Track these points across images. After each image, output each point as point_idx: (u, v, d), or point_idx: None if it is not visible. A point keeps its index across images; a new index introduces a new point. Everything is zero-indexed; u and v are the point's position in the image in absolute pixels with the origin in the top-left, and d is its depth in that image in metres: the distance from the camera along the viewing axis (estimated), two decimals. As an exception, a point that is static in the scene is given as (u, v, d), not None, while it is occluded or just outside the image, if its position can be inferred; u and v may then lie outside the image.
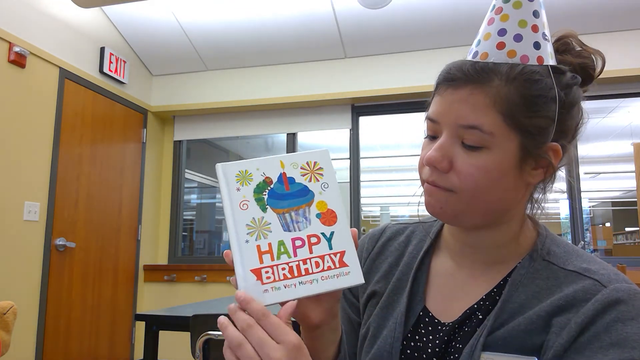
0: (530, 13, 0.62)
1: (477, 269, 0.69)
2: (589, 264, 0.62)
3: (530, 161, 0.62)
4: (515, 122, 0.60)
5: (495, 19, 0.63)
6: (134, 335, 3.93)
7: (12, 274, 2.87)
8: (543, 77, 0.61)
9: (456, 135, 0.62)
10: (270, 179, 0.61)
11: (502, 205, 0.64)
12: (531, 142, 0.61)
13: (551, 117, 0.61)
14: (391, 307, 0.73)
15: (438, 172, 0.63)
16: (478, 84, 0.60)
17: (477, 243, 0.69)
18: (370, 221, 11.53)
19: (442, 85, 0.64)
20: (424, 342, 0.68)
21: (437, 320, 0.68)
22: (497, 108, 0.60)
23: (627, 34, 3.40)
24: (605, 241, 8.18)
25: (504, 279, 0.66)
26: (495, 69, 0.61)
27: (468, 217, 0.64)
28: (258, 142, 6.09)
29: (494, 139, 0.60)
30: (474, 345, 0.61)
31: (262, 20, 3.63)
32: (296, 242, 0.58)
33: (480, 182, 0.61)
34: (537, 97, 0.60)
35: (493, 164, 0.60)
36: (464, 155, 0.61)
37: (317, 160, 0.62)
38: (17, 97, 2.94)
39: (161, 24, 3.75)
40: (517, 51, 0.61)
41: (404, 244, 0.79)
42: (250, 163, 0.61)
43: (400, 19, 3.49)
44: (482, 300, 0.66)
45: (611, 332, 0.55)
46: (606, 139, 6.36)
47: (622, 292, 0.57)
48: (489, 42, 0.63)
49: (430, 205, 0.65)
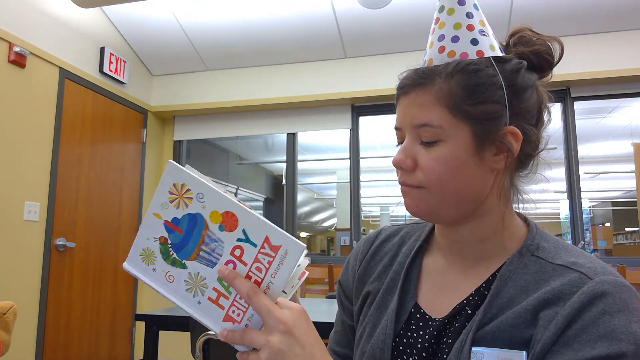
0: (463, 15, 0.68)
1: (466, 265, 0.71)
2: (577, 258, 0.63)
3: (488, 147, 0.65)
4: (461, 112, 0.64)
5: (435, 28, 0.70)
6: (134, 335, 3.93)
7: (12, 274, 2.87)
8: (482, 67, 0.65)
9: (415, 136, 0.67)
10: (163, 237, 0.58)
11: (470, 194, 0.66)
12: (482, 128, 0.64)
13: (499, 102, 0.64)
14: (384, 306, 0.74)
15: (406, 172, 0.67)
16: (422, 86, 0.66)
17: (461, 239, 0.70)
18: (370, 221, 11.53)
19: (398, 97, 0.70)
20: (414, 338, 0.69)
21: (428, 316, 0.69)
22: (442, 103, 0.64)
23: (627, 34, 3.40)
24: (605, 241, 8.18)
25: (493, 274, 0.67)
26: (436, 70, 0.66)
27: (443, 210, 0.67)
28: (258, 142, 6.09)
29: (444, 131, 0.64)
30: (464, 340, 0.62)
31: (262, 20, 3.63)
32: (228, 266, 0.57)
33: (442, 174, 0.64)
34: (478, 86, 0.64)
35: (450, 155, 0.64)
36: (424, 152, 0.66)
37: (174, 180, 0.57)
38: (17, 97, 2.94)
39: (161, 24, 3.75)
40: (456, 50, 0.67)
41: (398, 245, 0.81)
42: (136, 241, 0.59)
43: (400, 19, 3.49)
44: (471, 296, 0.67)
45: (598, 324, 0.56)
46: (606, 139, 6.36)
47: (608, 285, 0.58)
48: (432, 49, 0.69)
49: (408, 205, 0.69)
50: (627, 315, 0.56)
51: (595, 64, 3.40)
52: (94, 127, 3.59)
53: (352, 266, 0.83)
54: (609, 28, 3.40)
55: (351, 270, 0.83)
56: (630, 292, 0.59)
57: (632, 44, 3.37)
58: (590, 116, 5.23)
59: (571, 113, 3.60)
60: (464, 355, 0.61)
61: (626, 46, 3.38)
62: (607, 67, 3.38)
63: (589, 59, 3.42)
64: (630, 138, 5.94)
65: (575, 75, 3.42)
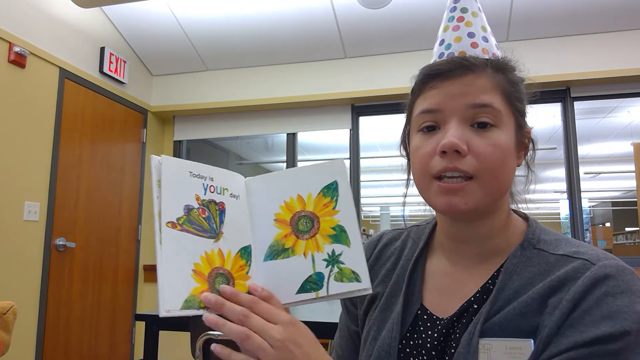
0: (484, 21, 0.73)
1: (470, 264, 0.71)
2: (578, 248, 0.64)
3: (518, 143, 0.68)
4: (511, 104, 0.67)
5: (460, 25, 0.71)
6: (134, 335, 3.93)
7: (12, 274, 2.87)
8: (514, 69, 0.70)
9: (465, 119, 0.64)
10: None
11: (507, 187, 0.67)
12: (521, 123, 0.68)
13: (525, 104, 0.69)
14: (389, 309, 0.74)
15: (458, 157, 0.63)
16: (476, 71, 0.66)
17: (471, 236, 0.70)
18: (370, 221, 11.52)
19: (431, 81, 0.67)
20: (422, 339, 0.69)
21: (435, 317, 0.69)
22: (499, 90, 0.66)
23: (627, 34, 3.40)
24: (605, 241, 8.19)
25: (498, 270, 0.68)
26: (484, 61, 0.67)
27: (484, 204, 0.65)
28: (258, 142, 6.09)
29: (502, 117, 0.65)
30: (472, 332, 0.62)
31: (262, 20, 3.63)
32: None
33: (496, 161, 0.63)
34: (518, 84, 0.68)
35: (504, 142, 0.64)
36: (477, 137, 0.64)
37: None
38: (17, 97, 2.94)
39: (161, 23, 3.75)
40: (488, 50, 0.70)
41: (399, 249, 0.81)
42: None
43: (400, 19, 3.49)
44: (477, 293, 0.67)
45: (602, 305, 0.56)
46: (606, 139, 6.36)
47: (610, 268, 0.59)
48: (461, 43, 0.70)
49: (456, 203, 0.64)
50: (631, 297, 0.56)
51: (595, 64, 3.40)
52: (94, 127, 3.59)
53: None
54: (609, 28, 3.40)
55: None
56: (633, 275, 0.59)
57: (632, 44, 3.37)
58: (590, 116, 5.23)
59: (571, 113, 3.60)
60: (472, 347, 0.61)
61: (626, 46, 3.38)
62: (607, 67, 3.38)
63: (589, 59, 3.42)
64: (630, 138, 5.94)
65: (575, 75, 3.41)
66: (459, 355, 0.62)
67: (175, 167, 0.61)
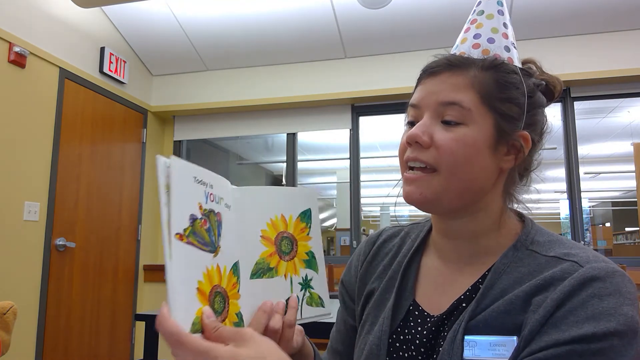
0: (501, 24, 0.73)
1: (463, 262, 0.71)
2: (570, 249, 0.64)
3: (503, 145, 0.67)
4: (490, 103, 0.66)
5: (471, 27, 0.73)
6: (134, 335, 3.93)
7: (12, 274, 2.87)
8: (513, 72, 0.69)
9: (436, 115, 0.67)
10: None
11: (477, 185, 0.67)
12: (504, 124, 0.67)
13: (521, 108, 0.67)
14: (382, 304, 0.76)
15: (419, 148, 0.67)
16: (457, 69, 0.68)
17: (456, 234, 0.71)
18: (370, 221, 11.52)
19: (423, 77, 0.71)
20: (412, 335, 0.70)
21: (426, 313, 0.70)
22: (476, 89, 0.66)
23: (627, 34, 3.40)
24: (605, 241, 8.19)
25: (489, 269, 0.68)
26: (471, 60, 0.69)
27: (446, 198, 0.66)
28: (258, 142, 6.09)
29: (471, 115, 0.65)
30: (457, 330, 0.63)
31: (262, 20, 3.63)
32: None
33: (458, 155, 0.64)
34: (509, 85, 0.67)
35: (470, 139, 0.65)
36: (443, 131, 0.66)
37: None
38: (17, 97, 2.94)
39: (161, 23, 3.75)
40: (491, 50, 0.70)
41: (398, 245, 0.82)
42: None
43: (400, 19, 3.49)
44: (467, 291, 0.68)
45: (587, 307, 0.56)
46: (606, 139, 6.36)
47: (598, 270, 0.58)
48: (465, 44, 0.72)
49: (411, 193, 0.67)
50: (618, 299, 0.56)
51: (595, 64, 3.40)
52: (94, 127, 3.59)
53: (355, 266, 0.85)
54: (609, 28, 3.40)
55: (354, 270, 0.84)
56: (624, 278, 0.58)
57: (632, 44, 3.37)
58: (590, 116, 5.23)
59: (571, 113, 3.60)
60: (456, 344, 0.62)
61: (626, 46, 3.38)
62: (607, 67, 3.38)
63: (589, 59, 3.42)
64: (630, 138, 5.94)
65: (575, 75, 3.41)
66: (443, 352, 0.63)
67: (184, 171, 0.54)
